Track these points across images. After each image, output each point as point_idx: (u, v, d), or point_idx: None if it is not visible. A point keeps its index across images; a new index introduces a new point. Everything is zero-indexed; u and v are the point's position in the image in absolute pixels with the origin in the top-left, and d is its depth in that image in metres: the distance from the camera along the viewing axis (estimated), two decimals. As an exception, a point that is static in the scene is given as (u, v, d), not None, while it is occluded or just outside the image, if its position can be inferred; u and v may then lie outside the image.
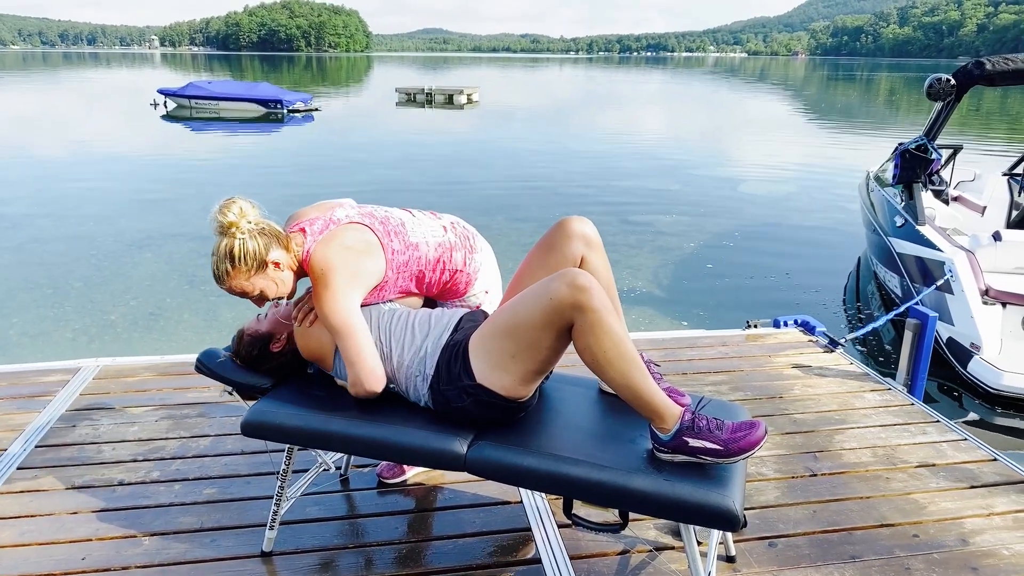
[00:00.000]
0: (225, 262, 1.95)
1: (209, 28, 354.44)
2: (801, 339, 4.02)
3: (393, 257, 2.07)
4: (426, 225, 2.20)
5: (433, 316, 2.10)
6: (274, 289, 2.04)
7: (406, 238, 2.12)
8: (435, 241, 2.17)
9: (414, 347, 2.02)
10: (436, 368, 1.96)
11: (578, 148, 16.77)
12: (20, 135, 17.93)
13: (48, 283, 6.66)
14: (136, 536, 2.27)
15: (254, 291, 2.02)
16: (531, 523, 2.35)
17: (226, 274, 1.97)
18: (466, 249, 2.24)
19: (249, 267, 1.97)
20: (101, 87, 41.20)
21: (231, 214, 1.95)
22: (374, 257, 2.03)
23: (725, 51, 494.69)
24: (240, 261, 1.95)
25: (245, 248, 1.95)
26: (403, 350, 2.02)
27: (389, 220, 2.13)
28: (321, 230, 2.06)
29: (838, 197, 11.10)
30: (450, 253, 2.19)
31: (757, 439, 1.74)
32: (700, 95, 40.68)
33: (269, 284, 2.02)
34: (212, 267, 2.00)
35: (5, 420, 2.98)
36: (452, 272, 2.21)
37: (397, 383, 2.06)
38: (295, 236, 2.07)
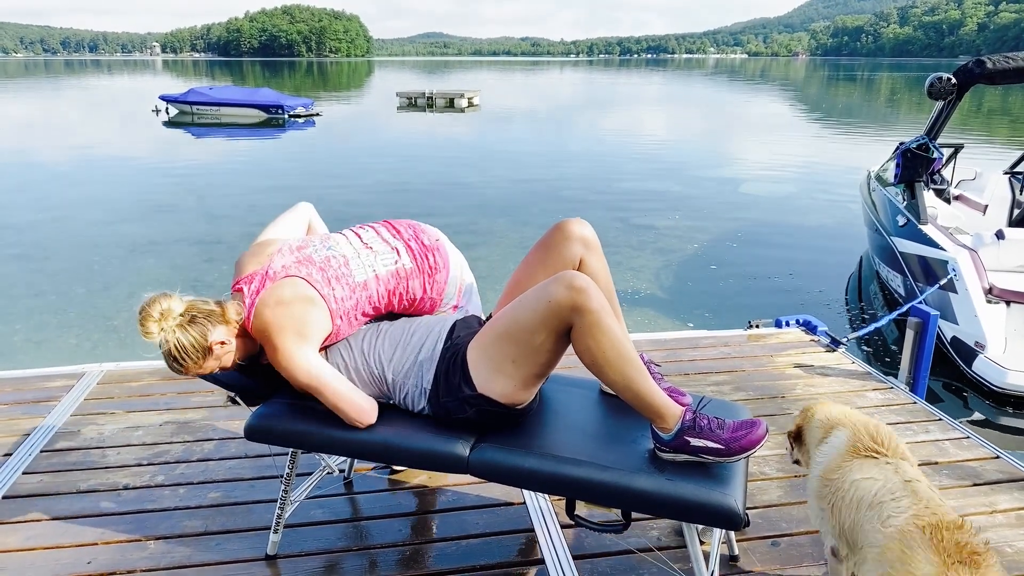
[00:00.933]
0: (173, 364, 1.92)
1: (210, 34, 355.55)
2: (803, 339, 4.02)
3: (337, 307, 1.99)
4: (376, 254, 2.10)
5: (423, 324, 2.07)
6: (228, 360, 1.99)
7: (351, 279, 2.03)
8: (386, 272, 2.09)
9: (407, 362, 2.00)
10: (434, 379, 1.95)
11: (579, 150, 16.79)
12: (23, 142, 17.99)
13: (52, 289, 6.68)
14: (141, 540, 2.28)
15: (212, 371, 1.99)
16: (534, 524, 2.35)
17: (181, 372, 1.94)
18: (424, 273, 2.14)
19: (196, 359, 1.92)
20: (103, 94, 41.34)
21: (153, 320, 1.87)
22: (316, 308, 1.96)
23: (725, 52, 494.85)
24: (184, 359, 1.90)
25: (181, 346, 1.89)
26: (396, 366, 2.01)
27: (330, 262, 2.03)
28: (257, 289, 1.98)
29: (839, 197, 11.09)
30: (406, 283, 2.12)
31: (758, 438, 1.75)
32: (701, 97, 40.70)
33: (220, 361, 1.97)
34: (166, 364, 1.95)
35: (10, 425, 2.99)
36: (411, 300, 2.16)
37: (394, 398, 2.05)
38: (235, 300, 2.00)
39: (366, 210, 9.91)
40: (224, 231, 8.79)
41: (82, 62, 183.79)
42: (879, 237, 6.29)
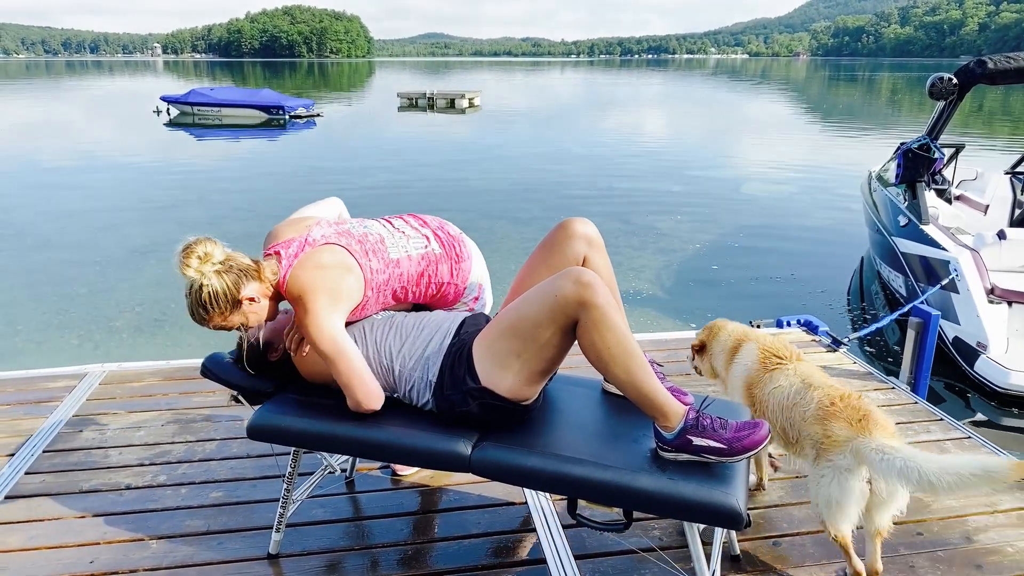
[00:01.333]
0: (198, 309, 1.93)
1: (211, 35, 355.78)
2: (804, 339, 4.02)
3: (372, 277, 2.03)
4: (408, 238, 2.16)
5: (433, 320, 2.10)
6: (252, 319, 2.01)
7: (386, 255, 2.08)
8: (418, 254, 2.14)
9: (415, 354, 2.01)
10: (440, 373, 1.96)
11: (580, 151, 16.80)
12: (25, 143, 18.01)
13: (53, 290, 6.69)
14: (143, 539, 2.28)
15: (233, 326, 2.00)
16: (536, 523, 2.35)
17: (202, 319, 1.95)
18: (452, 259, 2.20)
19: (223, 309, 1.93)
20: (104, 95, 41.38)
21: (194, 260, 1.92)
22: (352, 276, 1.99)
23: (726, 53, 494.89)
24: (212, 305, 1.92)
25: (214, 292, 1.91)
26: (404, 358, 2.02)
27: (367, 237, 2.09)
28: (296, 253, 2.01)
29: (840, 197, 11.09)
30: (435, 266, 2.16)
31: (761, 438, 1.75)
32: (701, 97, 40.70)
33: (245, 317, 1.99)
34: (187, 310, 1.96)
35: (12, 425, 3.00)
36: (439, 285, 2.19)
37: (399, 391, 2.06)
38: (269, 262, 2.01)
39: (368, 211, 9.88)
40: (225, 231, 8.79)
41: (83, 63, 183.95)
42: (880, 237, 6.29)
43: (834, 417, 1.94)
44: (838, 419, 1.93)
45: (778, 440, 2.16)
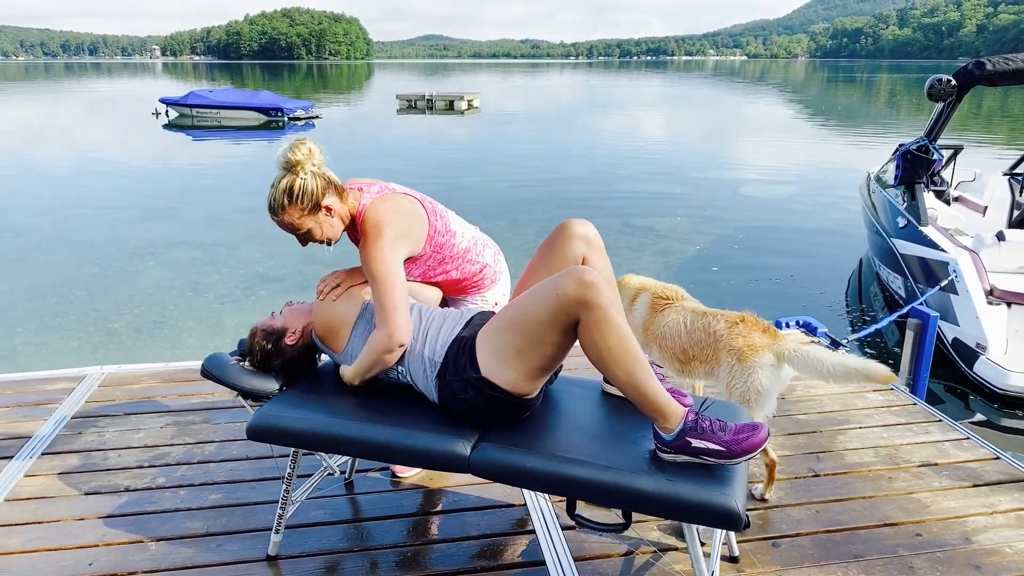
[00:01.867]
0: (283, 197, 2.05)
1: (210, 37, 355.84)
2: (803, 340, 4.03)
3: (434, 235, 2.23)
4: (463, 222, 2.42)
5: (447, 312, 2.16)
6: (320, 232, 2.13)
7: (447, 223, 2.30)
8: (469, 235, 2.37)
9: (426, 338, 2.06)
10: (444, 359, 2.00)
11: (579, 152, 16.80)
12: (23, 145, 18.00)
13: (52, 292, 6.69)
14: (143, 542, 2.28)
15: (302, 228, 2.10)
16: (535, 525, 2.35)
17: (281, 208, 2.06)
18: (494, 249, 2.48)
19: (304, 206, 2.06)
20: (103, 97, 41.37)
21: (300, 153, 2.05)
22: (420, 226, 2.19)
23: (725, 54, 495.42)
24: (297, 199, 2.05)
25: (305, 187, 2.04)
26: (415, 340, 2.06)
27: (436, 205, 2.32)
28: (379, 192, 2.19)
29: (839, 199, 11.10)
30: (481, 248, 2.40)
31: (760, 441, 1.75)
32: (700, 98, 40.74)
33: (317, 226, 2.11)
34: (269, 199, 2.09)
35: (11, 428, 3.00)
36: (481, 266, 2.39)
37: (407, 369, 2.08)
38: (352, 191, 2.18)
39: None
40: (224, 234, 8.79)
41: (82, 65, 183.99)
42: (879, 239, 6.30)
43: (749, 330, 2.44)
44: (753, 331, 2.43)
45: (670, 365, 2.60)
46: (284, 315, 2.26)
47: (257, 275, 7.14)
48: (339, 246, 2.26)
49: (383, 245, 2.05)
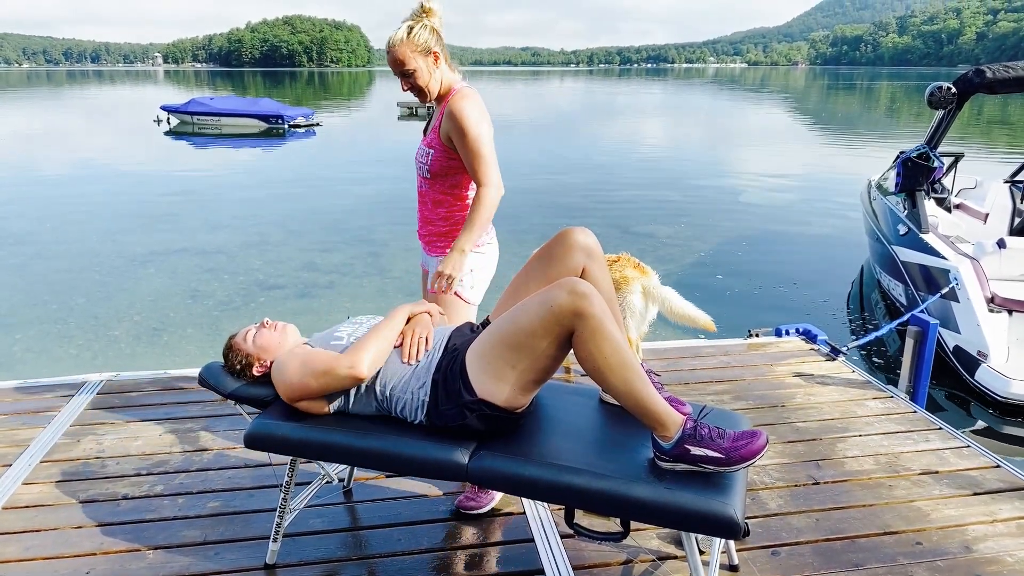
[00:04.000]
0: (404, 31, 2.33)
1: (212, 45, 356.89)
2: (803, 348, 4.02)
3: None
4: None
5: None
6: (423, 76, 2.37)
7: None
8: None
9: (405, 374, 2.00)
10: (432, 388, 1.95)
11: (579, 159, 16.83)
12: (25, 152, 18.04)
13: (52, 299, 6.69)
14: (140, 550, 2.27)
15: (410, 65, 2.34)
16: (533, 533, 2.35)
17: (401, 41, 2.32)
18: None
19: (417, 46, 2.33)
20: (105, 104, 41.49)
21: (431, 3, 2.36)
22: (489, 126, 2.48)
23: (725, 62, 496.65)
24: (415, 36, 2.32)
25: (426, 31, 2.34)
26: (395, 379, 2.00)
27: None
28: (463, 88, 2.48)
29: (840, 206, 11.11)
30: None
31: (759, 448, 1.75)
32: (700, 106, 40.82)
33: (424, 70, 2.36)
34: (392, 34, 2.35)
35: (10, 435, 2.99)
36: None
37: (393, 411, 2.03)
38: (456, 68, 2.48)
39: (366, 220, 9.93)
40: (224, 241, 8.80)
41: (84, 72, 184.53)
42: (880, 246, 6.30)
43: (623, 266, 3.19)
44: (626, 267, 3.20)
45: None
46: (256, 342, 2.17)
47: (256, 282, 7.14)
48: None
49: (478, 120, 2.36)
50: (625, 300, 3.19)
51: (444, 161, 2.47)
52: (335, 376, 1.95)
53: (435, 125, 2.47)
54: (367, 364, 1.95)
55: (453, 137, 2.40)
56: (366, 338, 2.00)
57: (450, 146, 2.44)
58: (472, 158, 2.39)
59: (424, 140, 2.54)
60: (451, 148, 2.44)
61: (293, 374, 2.00)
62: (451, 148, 2.44)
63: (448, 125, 2.39)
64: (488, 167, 2.40)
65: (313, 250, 8.33)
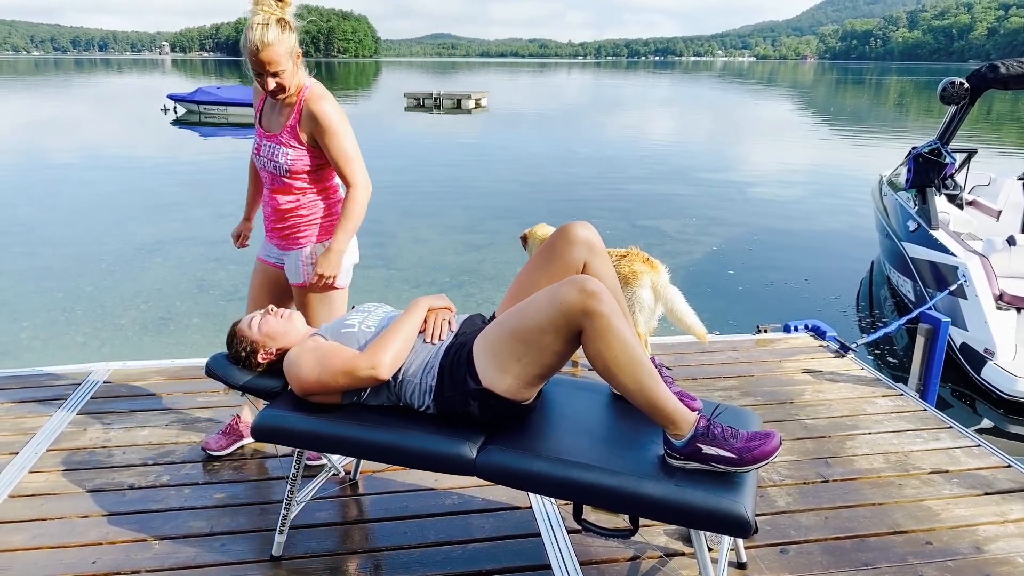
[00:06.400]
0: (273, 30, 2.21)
1: (219, 34, 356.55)
2: (812, 344, 4.00)
3: None
4: None
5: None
6: (290, 77, 2.28)
7: None
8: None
9: (414, 360, 2.00)
10: (439, 375, 1.95)
11: (586, 152, 16.77)
12: (33, 140, 18.06)
13: (59, 287, 6.70)
14: (146, 540, 2.27)
15: (281, 66, 2.23)
16: (541, 529, 2.33)
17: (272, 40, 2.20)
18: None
19: (288, 47, 2.24)
20: (112, 92, 41.50)
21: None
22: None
23: (733, 55, 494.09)
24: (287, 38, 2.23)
25: (292, 34, 2.26)
26: (407, 364, 2.00)
27: None
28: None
29: (850, 201, 11.05)
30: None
31: (772, 449, 1.73)
32: (708, 99, 40.63)
33: (290, 70, 2.27)
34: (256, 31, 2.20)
35: (16, 423, 2.99)
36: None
37: (402, 399, 2.03)
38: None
39: (371, 211, 9.85)
40: (230, 230, 8.77)
41: (92, 61, 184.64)
42: (890, 242, 6.26)
43: (632, 261, 3.22)
44: (636, 261, 3.22)
45: None
46: (262, 329, 2.18)
47: (263, 272, 7.14)
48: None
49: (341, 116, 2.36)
50: (634, 294, 3.18)
51: (306, 160, 2.43)
52: (355, 377, 1.95)
53: (289, 124, 2.38)
54: (388, 365, 1.94)
55: (319, 138, 2.38)
56: (387, 337, 1.97)
57: (312, 145, 2.40)
58: (341, 160, 2.39)
59: (270, 137, 2.42)
60: (314, 147, 2.41)
61: (310, 371, 1.99)
62: (314, 147, 2.41)
63: (311, 125, 2.36)
64: (357, 167, 2.44)
65: (319, 241, 8.31)
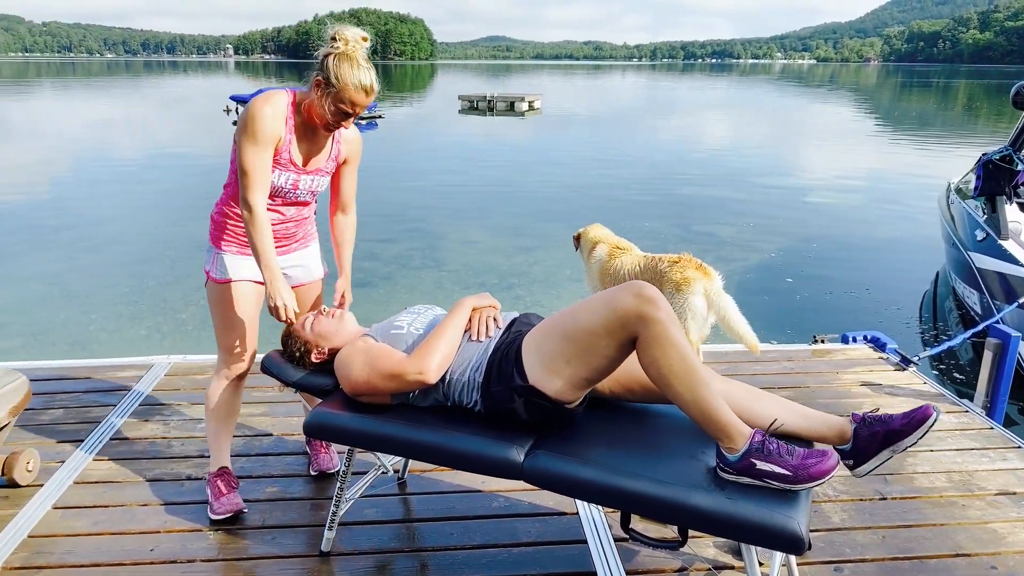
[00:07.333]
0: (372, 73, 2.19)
1: (281, 36, 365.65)
2: (871, 356, 3.87)
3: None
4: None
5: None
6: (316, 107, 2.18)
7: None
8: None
9: (465, 359, 2.01)
10: (487, 370, 1.96)
11: (639, 155, 16.62)
12: (103, 139, 18.82)
13: (125, 281, 6.95)
14: (201, 530, 2.33)
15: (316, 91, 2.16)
16: (587, 535, 2.32)
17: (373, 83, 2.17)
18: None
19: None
20: (179, 94, 42.95)
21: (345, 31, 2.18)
22: None
23: (793, 58, 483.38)
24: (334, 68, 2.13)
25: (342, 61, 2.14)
26: (456, 363, 2.01)
27: None
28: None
29: (914, 209, 10.68)
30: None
31: (828, 468, 1.67)
32: (765, 102, 39.81)
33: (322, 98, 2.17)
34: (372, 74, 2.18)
35: (82, 412, 3.11)
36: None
37: (450, 398, 2.04)
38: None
39: (423, 211, 10.00)
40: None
41: (160, 63, 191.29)
42: (956, 252, 6.02)
43: (685, 267, 3.16)
44: (688, 268, 3.16)
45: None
46: (315, 329, 2.23)
47: (318, 271, 7.28)
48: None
49: None
50: (686, 302, 3.11)
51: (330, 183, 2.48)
52: (402, 381, 1.97)
53: (333, 153, 2.35)
54: (435, 369, 1.95)
55: (350, 160, 2.42)
56: (432, 341, 1.98)
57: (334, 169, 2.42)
58: (354, 183, 2.49)
59: (312, 171, 2.32)
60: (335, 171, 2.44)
61: (359, 372, 2.02)
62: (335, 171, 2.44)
63: (350, 149, 2.40)
64: None
65: (373, 240, 8.44)
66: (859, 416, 1.87)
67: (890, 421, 1.82)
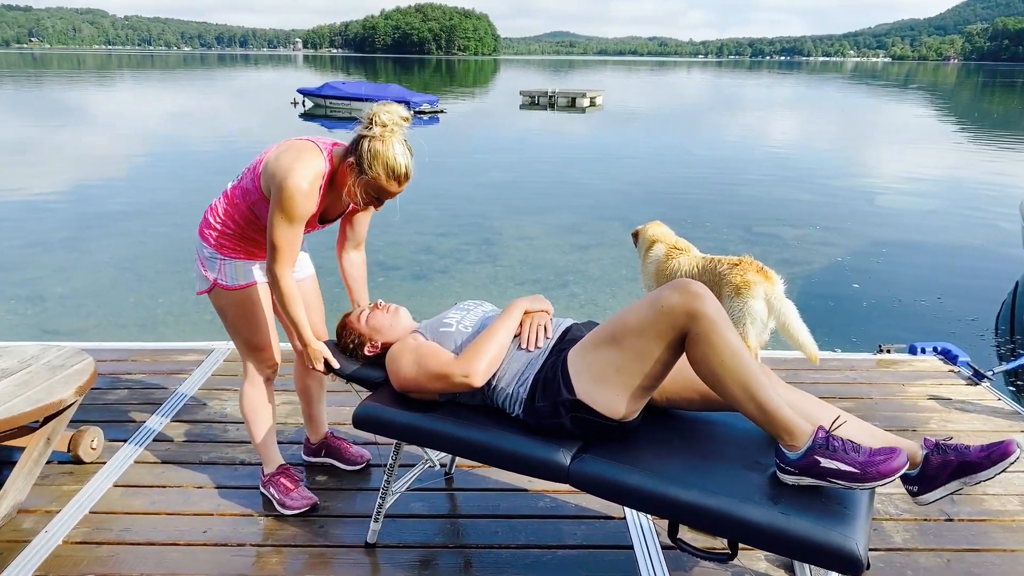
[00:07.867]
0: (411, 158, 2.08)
1: (348, 31, 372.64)
2: (941, 368, 3.69)
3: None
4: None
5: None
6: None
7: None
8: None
9: (511, 370, 1.97)
10: (532, 384, 1.91)
11: (701, 154, 16.31)
12: (177, 129, 19.51)
13: (192, 267, 7.17)
14: (252, 515, 2.38)
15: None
16: (634, 541, 2.27)
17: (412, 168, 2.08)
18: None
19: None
20: (250, 86, 44.22)
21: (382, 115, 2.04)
22: None
23: (866, 55, 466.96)
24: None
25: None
26: (502, 372, 1.98)
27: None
28: None
29: (992, 215, 10.17)
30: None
31: (898, 466, 1.57)
32: (835, 101, 38.56)
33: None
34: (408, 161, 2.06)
35: (146, 394, 3.22)
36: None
37: (495, 402, 2.02)
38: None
39: (480, 206, 10.03)
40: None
41: (233, 56, 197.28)
42: (1037, 262, 5.70)
43: (745, 270, 3.09)
44: (748, 271, 3.08)
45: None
46: (369, 323, 2.26)
47: (376, 262, 7.37)
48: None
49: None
50: (746, 306, 3.02)
51: None
52: (449, 382, 1.96)
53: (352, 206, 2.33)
54: (482, 373, 1.94)
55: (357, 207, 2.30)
56: (481, 344, 1.96)
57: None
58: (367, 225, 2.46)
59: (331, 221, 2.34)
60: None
61: (408, 370, 2.02)
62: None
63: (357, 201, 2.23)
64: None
65: (430, 234, 8.50)
66: (932, 442, 1.75)
67: (966, 452, 1.69)
